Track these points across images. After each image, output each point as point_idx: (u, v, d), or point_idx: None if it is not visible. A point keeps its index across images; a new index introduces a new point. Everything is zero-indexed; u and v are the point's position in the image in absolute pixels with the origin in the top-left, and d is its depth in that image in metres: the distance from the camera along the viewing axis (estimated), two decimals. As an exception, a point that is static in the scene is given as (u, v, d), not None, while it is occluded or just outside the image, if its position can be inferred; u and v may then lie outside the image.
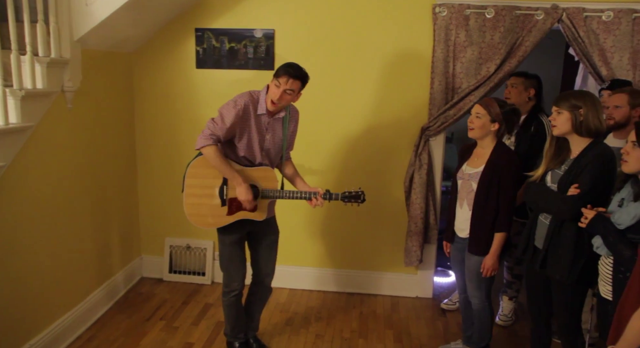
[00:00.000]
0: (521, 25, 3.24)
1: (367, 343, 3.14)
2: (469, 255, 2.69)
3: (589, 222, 2.02)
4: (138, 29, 3.39)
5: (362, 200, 2.63)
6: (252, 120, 2.55)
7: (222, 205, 2.60)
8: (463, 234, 2.72)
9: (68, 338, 2.99)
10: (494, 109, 2.56)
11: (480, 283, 2.69)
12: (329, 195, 2.59)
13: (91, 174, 3.22)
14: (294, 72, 2.47)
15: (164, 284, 3.85)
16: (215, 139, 2.48)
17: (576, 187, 2.15)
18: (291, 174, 2.79)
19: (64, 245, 2.97)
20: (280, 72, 2.47)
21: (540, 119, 3.14)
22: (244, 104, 2.51)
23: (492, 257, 2.60)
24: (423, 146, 3.48)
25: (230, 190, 2.58)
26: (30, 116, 2.56)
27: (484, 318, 2.76)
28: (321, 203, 2.57)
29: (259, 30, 3.51)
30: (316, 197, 2.57)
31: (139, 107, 3.75)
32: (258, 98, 2.56)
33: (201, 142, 2.48)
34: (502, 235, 2.59)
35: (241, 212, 2.60)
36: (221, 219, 2.61)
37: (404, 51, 3.47)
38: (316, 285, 3.85)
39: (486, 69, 3.31)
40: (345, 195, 2.63)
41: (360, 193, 2.63)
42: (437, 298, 3.75)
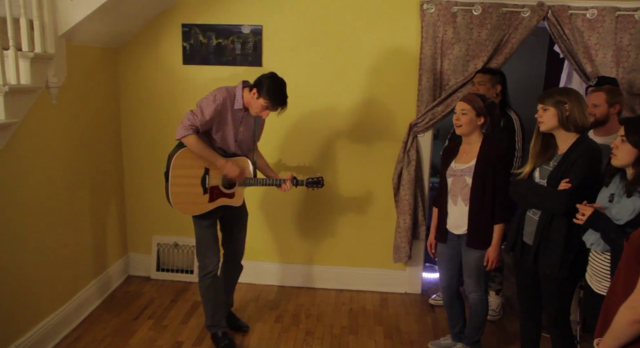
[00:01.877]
0: (508, 23, 3.27)
1: (358, 339, 3.15)
2: (468, 250, 2.70)
3: (587, 219, 2.02)
4: (124, 24, 3.34)
5: (321, 185, 2.96)
6: (229, 114, 2.73)
7: (204, 193, 2.80)
8: (460, 231, 2.72)
9: (55, 338, 2.94)
10: (478, 104, 2.60)
11: (480, 277, 2.72)
12: (296, 181, 2.92)
13: (76, 171, 3.17)
14: (284, 102, 2.69)
15: (152, 282, 3.81)
16: (195, 130, 2.66)
17: (567, 181, 2.18)
18: (263, 165, 3.03)
19: (50, 243, 2.92)
20: (273, 100, 2.65)
21: (509, 115, 3.20)
22: (222, 99, 2.69)
23: (495, 249, 2.63)
24: (411, 143, 3.50)
25: (211, 179, 2.81)
26: (14, 112, 2.51)
27: (481, 312, 2.78)
28: (289, 188, 2.88)
29: (246, 26, 3.48)
30: (285, 183, 2.87)
31: (125, 104, 3.70)
32: (234, 93, 2.74)
33: (182, 132, 2.66)
34: (502, 226, 2.63)
35: (221, 199, 2.84)
36: (204, 206, 2.81)
37: (392, 48, 3.48)
38: (305, 282, 3.84)
39: (473, 66, 3.34)
40: (309, 181, 2.96)
41: (320, 178, 2.96)
42: (426, 293, 3.78)
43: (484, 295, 2.77)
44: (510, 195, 2.48)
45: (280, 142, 3.66)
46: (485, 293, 2.78)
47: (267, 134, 3.46)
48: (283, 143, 3.66)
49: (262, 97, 2.65)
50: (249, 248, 3.09)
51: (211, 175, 2.81)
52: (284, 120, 3.60)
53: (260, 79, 2.69)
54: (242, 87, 2.76)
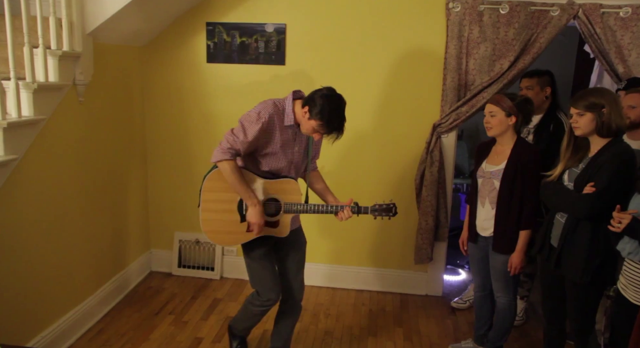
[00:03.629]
0: (536, 22, 3.20)
1: (377, 340, 3.12)
2: (494, 255, 2.65)
3: (626, 227, 1.89)
4: (149, 22, 3.38)
5: (393, 214, 2.43)
6: (278, 133, 2.33)
7: (241, 221, 2.42)
8: (486, 233, 2.68)
9: (78, 331, 3.00)
10: (506, 103, 2.54)
11: (508, 282, 2.66)
12: (357, 208, 2.41)
13: (101, 167, 3.22)
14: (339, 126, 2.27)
15: (173, 278, 3.85)
16: (234, 153, 2.29)
17: (592, 185, 2.11)
18: (321, 189, 2.58)
19: (74, 238, 2.97)
20: (328, 124, 2.22)
21: (559, 118, 3.10)
22: (269, 115, 2.28)
23: (519, 255, 2.57)
24: (434, 143, 3.45)
25: None
26: (42, 109, 2.56)
27: (509, 317, 2.73)
28: (348, 217, 2.41)
29: (270, 24, 3.49)
30: (343, 210, 2.40)
31: (150, 101, 3.74)
32: (284, 108, 2.33)
33: (218, 156, 2.29)
34: (528, 232, 2.56)
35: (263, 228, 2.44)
36: (240, 236, 2.44)
37: (416, 47, 3.44)
38: (325, 282, 3.83)
39: (500, 66, 3.27)
40: (375, 208, 2.43)
41: (392, 206, 2.43)
42: (447, 296, 3.73)
43: (513, 301, 2.71)
44: (541, 197, 2.43)
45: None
46: (515, 298, 2.72)
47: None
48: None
49: (314, 119, 2.23)
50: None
51: None
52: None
53: (313, 95, 2.26)
54: (292, 99, 2.34)
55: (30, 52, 2.47)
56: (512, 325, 2.77)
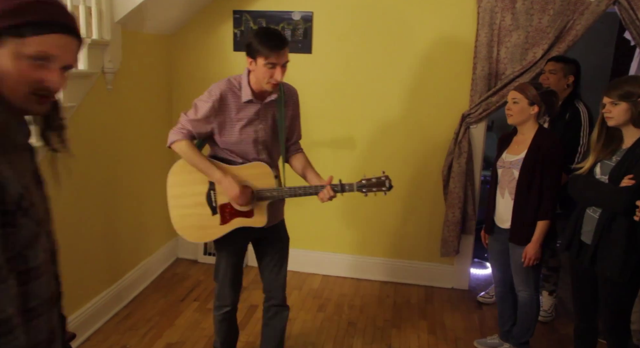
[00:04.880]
0: (572, 8, 3.07)
1: (401, 333, 3.09)
2: (513, 246, 2.59)
3: None
4: (177, 11, 3.39)
5: (387, 188, 2.15)
6: (234, 110, 2.15)
7: (212, 213, 2.23)
8: (505, 225, 2.62)
9: (106, 314, 3.07)
10: (530, 92, 2.47)
11: (528, 275, 2.59)
12: (341, 186, 2.15)
13: (128, 155, 3.27)
14: (283, 41, 2.06)
15: (199, 265, 3.90)
16: (186, 133, 2.16)
17: (631, 178, 2.02)
18: (302, 169, 2.34)
19: (103, 224, 3.03)
20: (270, 45, 2.01)
21: (577, 106, 3.00)
22: (220, 92, 2.13)
23: (534, 246, 2.50)
24: (463, 134, 3.38)
25: (219, 195, 2.22)
26: (72, 97, 2.60)
27: (531, 312, 2.66)
28: (330, 197, 2.16)
29: (297, 12, 3.45)
30: (323, 190, 2.15)
31: (177, 89, 3.77)
32: (240, 83, 2.16)
33: (171, 137, 2.18)
34: (546, 223, 2.49)
35: (237, 219, 2.22)
36: (215, 230, 2.24)
37: (446, 35, 3.35)
38: (350, 273, 3.82)
39: (532, 55, 3.16)
40: (362, 183, 2.16)
41: (384, 179, 2.14)
42: (474, 290, 3.66)
43: (535, 294, 2.64)
44: (569, 191, 2.34)
45: (326, 132, 3.62)
46: (536, 292, 2.65)
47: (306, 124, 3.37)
48: (329, 133, 3.62)
49: (258, 57, 2.03)
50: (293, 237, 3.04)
51: (218, 190, 2.22)
52: (331, 108, 3.56)
53: (245, 44, 2.10)
54: (247, 72, 2.15)
55: (60, 40, 2.51)
56: (535, 320, 2.70)
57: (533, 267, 2.56)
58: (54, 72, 0.98)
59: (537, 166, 2.46)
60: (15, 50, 0.93)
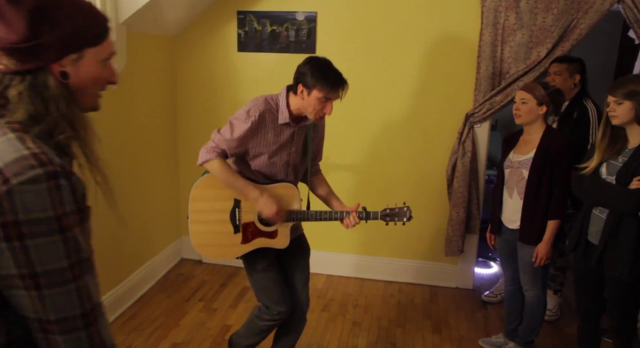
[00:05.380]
0: (576, 7, 3.07)
1: (405, 332, 3.09)
2: (522, 246, 2.59)
3: None
4: (181, 12, 3.40)
5: (408, 218, 2.23)
6: (271, 132, 2.13)
7: (234, 232, 2.20)
8: (513, 225, 2.62)
9: (112, 315, 3.08)
10: (539, 92, 2.46)
11: (537, 274, 2.59)
12: (365, 213, 2.19)
13: (133, 156, 3.28)
14: (344, 80, 2.08)
15: (203, 266, 3.91)
16: (220, 153, 2.12)
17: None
18: (326, 194, 2.36)
19: (107, 224, 3.04)
20: (330, 82, 2.03)
21: (585, 105, 2.99)
22: (259, 114, 2.09)
23: (546, 246, 2.50)
24: (467, 133, 3.38)
25: (243, 214, 2.19)
26: (77, 97, 2.61)
27: (537, 311, 2.66)
28: (355, 224, 2.20)
29: (301, 12, 3.46)
30: (349, 217, 2.18)
31: (181, 90, 3.78)
32: (277, 105, 2.14)
33: (203, 157, 2.13)
34: (556, 223, 2.49)
35: (259, 239, 2.22)
36: (235, 249, 2.21)
37: (450, 34, 3.35)
38: (354, 272, 3.82)
39: (536, 54, 3.16)
40: (387, 212, 2.22)
41: (406, 209, 2.22)
42: (478, 289, 3.66)
43: (542, 294, 2.64)
44: (573, 191, 2.33)
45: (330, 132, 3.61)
46: (543, 292, 2.65)
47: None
48: (333, 132, 3.62)
49: (314, 89, 2.03)
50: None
51: (243, 209, 2.18)
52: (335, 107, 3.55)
53: (298, 70, 2.09)
54: (286, 93, 2.15)
55: (66, 41, 2.52)
56: (542, 320, 2.70)
57: (542, 266, 2.55)
58: (112, 66, 1.10)
59: (546, 165, 2.45)
60: (96, 57, 1.04)
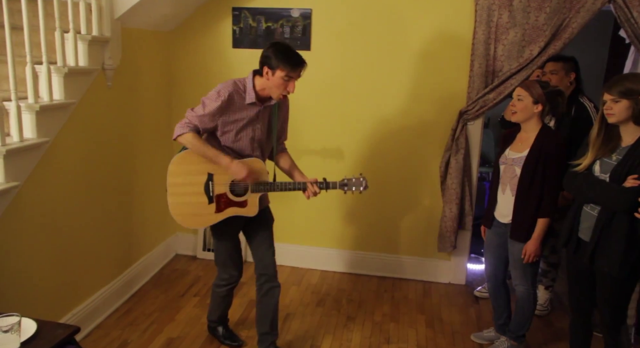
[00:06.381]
0: (569, 6, 3.10)
1: (399, 327, 3.13)
2: (512, 242, 2.63)
3: None
4: (176, 7, 3.40)
5: (364, 187, 2.47)
6: (238, 111, 2.38)
7: (209, 202, 2.44)
8: (505, 220, 2.66)
9: (107, 310, 3.09)
10: (536, 90, 2.49)
11: (526, 270, 2.63)
12: (325, 183, 2.44)
13: (128, 151, 3.28)
14: (303, 60, 2.31)
15: (198, 261, 3.92)
16: (192, 128, 2.35)
17: (635, 178, 2.01)
18: (288, 167, 2.61)
19: (103, 219, 3.05)
20: (291, 63, 2.27)
21: (582, 102, 3.03)
22: (228, 94, 2.34)
23: (535, 243, 2.54)
24: (460, 130, 3.41)
25: (216, 186, 2.43)
26: (72, 93, 2.61)
27: (528, 306, 2.71)
28: (315, 193, 2.44)
29: (296, 9, 3.47)
30: (312, 185, 2.43)
31: (176, 86, 3.78)
32: (245, 86, 2.39)
33: (177, 131, 2.36)
34: (545, 221, 2.52)
35: (231, 209, 2.46)
36: (210, 217, 2.46)
37: (444, 32, 3.38)
38: (348, 268, 3.85)
39: (529, 52, 3.20)
40: (344, 182, 2.46)
41: (362, 179, 2.46)
42: (470, 285, 3.70)
43: (531, 289, 2.68)
44: (565, 188, 2.35)
45: (325, 128, 3.64)
46: (533, 287, 2.69)
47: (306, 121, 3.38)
48: (327, 129, 3.64)
49: (278, 69, 2.26)
50: (293, 232, 3.08)
51: (216, 181, 2.43)
52: (330, 104, 3.58)
53: (262, 54, 2.32)
54: (252, 76, 2.40)
55: (62, 37, 2.52)
56: (532, 314, 2.74)
57: (531, 263, 2.60)
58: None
59: (539, 164, 2.48)
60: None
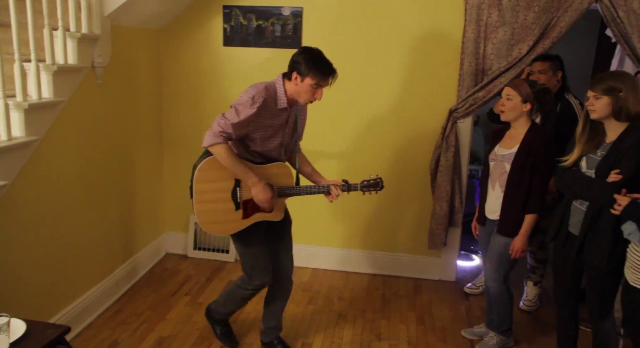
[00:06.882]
0: (557, 5, 3.14)
1: (390, 324, 3.15)
2: (496, 236, 2.67)
3: (623, 209, 1.95)
4: (166, 5, 3.38)
5: (380, 188, 2.55)
6: (272, 117, 2.36)
7: (236, 208, 2.43)
8: (494, 216, 2.70)
9: (98, 309, 3.07)
10: (525, 89, 2.53)
11: (500, 265, 2.68)
12: (348, 186, 2.51)
13: (119, 150, 3.26)
14: (334, 69, 2.32)
15: (189, 260, 3.91)
16: (226, 137, 2.27)
17: (617, 173, 2.07)
18: (310, 171, 2.65)
19: (92, 219, 3.02)
20: (322, 71, 2.27)
21: (567, 99, 3.07)
22: (263, 100, 2.29)
23: (522, 239, 2.58)
24: (450, 128, 3.43)
25: (243, 192, 2.42)
26: (62, 91, 2.59)
27: (502, 302, 2.76)
28: (337, 196, 2.49)
29: (286, 7, 3.47)
30: (335, 188, 2.48)
31: (167, 84, 3.76)
32: (275, 91, 2.36)
33: (210, 140, 2.27)
34: (533, 217, 2.56)
35: (258, 214, 2.47)
36: (237, 224, 2.45)
37: (434, 31, 3.40)
38: (339, 266, 3.86)
39: (518, 51, 3.23)
40: (364, 184, 2.54)
41: (379, 180, 2.55)
42: (460, 282, 3.74)
43: (502, 286, 2.73)
44: (555, 184, 2.40)
45: (314, 127, 3.64)
46: (504, 283, 2.74)
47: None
48: (317, 127, 3.65)
49: (307, 76, 2.26)
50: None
51: (243, 187, 2.41)
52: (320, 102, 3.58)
53: (293, 59, 2.32)
54: (282, 80, 2.37)
55: (50, 34, 2.50)
56: (510, 308, 2.80)
57: (506, 258, 2.64)
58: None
59: (528, 161, 2.52)
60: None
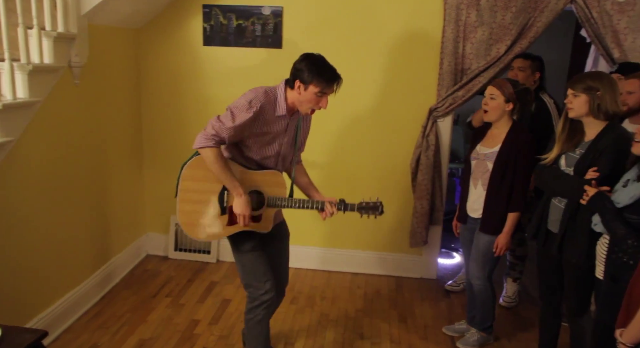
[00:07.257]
0: (533, 6, 3.19)
1: (372, 322, 3.16)
2: (479, 234, 2.70)
3: (589, 200, 2.03)
4: (145, 4, 3.34)
5: (380, 212, 2.36)
6: (268, 124, 2.21)
7: (221, 213, 2.27)
8: (476, 214, 2.73)
9: (76, 313, 3.02)
10: (508, 89, 2.57)
11: (485, 263, 2.72)
12: (344, 205, 2.32)
13: (97, 150, 3.22)
14: (339, 76, 2.19)
15: (170, 261, 3.87)
16: (218, 141, 2.15)
17: (595, 170, 2.12)
18: (306, 183, 2.47)
19: (70, 220, 2.98)
20: (326, 77, 2.14)
21: (542, 98, 3.14)
22: (261, 105, 2.15)
23: (506, 236, 2.62)
24: (430, 127, 3.46)
25: (231, 197, 2.25)
26: (37, 91, 2.54)
27: (486, 299, 2.80)
28: (332, 215, 2.32)
29: (267, 7, 3.46)
30: (331, 205, 2.30)
31: (145, 84, 3.72)
32: (275, 97, 2.21)
33: (201, 142, 2.14)
34: (516, 215, 2.61)
35: None
36: (220, 230, 2.28)
37: (414, 31, 3.42)
38: (320, 265, 3.87)
39: (496, 50, 3.27)
40: (362, 205, 2.35)
41: (379, 204, 2.36)
42: (441, 279, 3.77)
43: (487, 283, 2.77)
44: (535, 182, 2.44)
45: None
46: (488, 280, 2.78)
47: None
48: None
49: (311, 84, 2.13)
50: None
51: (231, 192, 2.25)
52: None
53: (295, 67, 2.19)
54: (284, 86, 2.23)
55: (25, 33, 2.45)
56: (493, 305, 2.84)
57: (492, 257, 2.68)
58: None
59: (510, 160, 2.57)
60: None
